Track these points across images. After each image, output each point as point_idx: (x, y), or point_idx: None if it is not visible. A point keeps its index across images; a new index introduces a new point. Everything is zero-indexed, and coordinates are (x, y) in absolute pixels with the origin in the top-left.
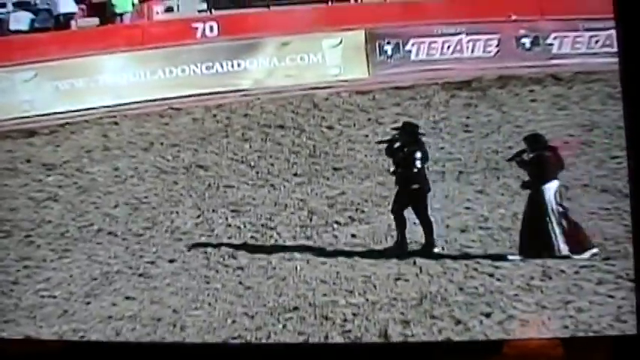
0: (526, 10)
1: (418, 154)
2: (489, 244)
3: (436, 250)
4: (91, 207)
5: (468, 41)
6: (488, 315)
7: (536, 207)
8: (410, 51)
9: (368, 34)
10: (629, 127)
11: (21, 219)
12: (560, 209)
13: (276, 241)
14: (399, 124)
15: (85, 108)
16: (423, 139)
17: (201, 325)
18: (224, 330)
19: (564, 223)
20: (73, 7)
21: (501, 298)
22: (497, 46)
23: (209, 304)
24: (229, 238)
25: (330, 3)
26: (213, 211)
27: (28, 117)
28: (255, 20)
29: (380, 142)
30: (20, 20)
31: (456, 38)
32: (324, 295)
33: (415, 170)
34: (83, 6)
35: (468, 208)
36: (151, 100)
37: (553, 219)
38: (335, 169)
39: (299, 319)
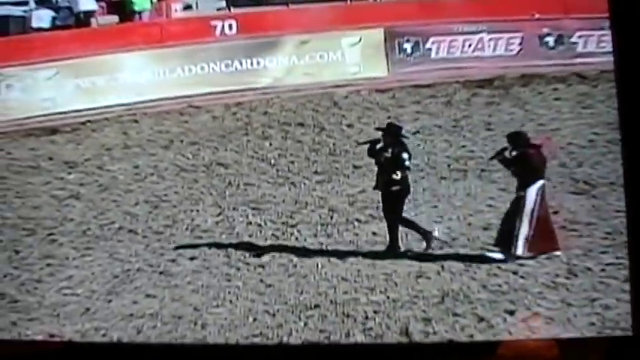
0: (549, 8)
1: (405, 155)
2: None
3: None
4: (112, 205)
5: (490, 39)
6: (512, 313)
7: (517, 204)
8: (430, 49)
9: (387, 33)
10: (623, 127)
11: (44, 217)
12: (539, 210)
13: (297, 239)
14: (384, 126)
15: (105, 106)
16: (448, 136)
17: (222, 323)
18: (245, 328)
19: (535, 224)
20: (93, 5)
21: (525, 296)
22: (519, 44)
23: (230, 301)
24: (250, 236)
25: (348, 1)
26: (234, 209)
27: (50, 115)
28: (274, 18)
29: (361, 144)
30: (42, 18)
31: (477, 36)
32: (345, 292)
33: (405, 172)
34: (103, 4)
35: (490, 206)
36: (170, 98)
37: (526, 219)
38: (355, 167)
39: (320, 316)
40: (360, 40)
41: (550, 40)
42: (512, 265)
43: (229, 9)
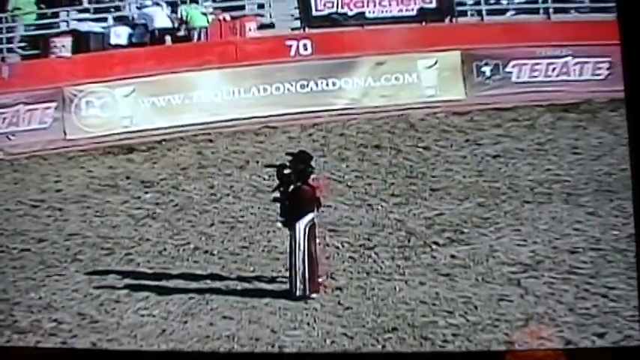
0: None
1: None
2: (602, 264)
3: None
4: (188, 225)
5: (576, 64)
6: (601, 336)
7: (291, 240)
8: (510, 72)
9: (464, 56)
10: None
11: (122, 236)
12: (308, 246)
13: (374, 261)
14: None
15: (180, 125)
16: (532, 160)
17: (299, 346)
18: (323, 350)
19: (307, 260)
20: (167, 23)
21: (616, 319)
22: (608, 69)
23: (308, 324)
24: (327, 258)
25: (424, 23)
26: None
27: (127, 133)
28: (349, 39)
29: (268, 167)
30: (119, 35)
31: (562, 61)
32: (424, 315)
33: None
34: None
35: (577, 229)
36: (245, 118)
37: (299, 255)
38: (432, 189)
39: (398, 339)
40: (436, 62)
41: None
42: (601, 289)
43: (304, 29)
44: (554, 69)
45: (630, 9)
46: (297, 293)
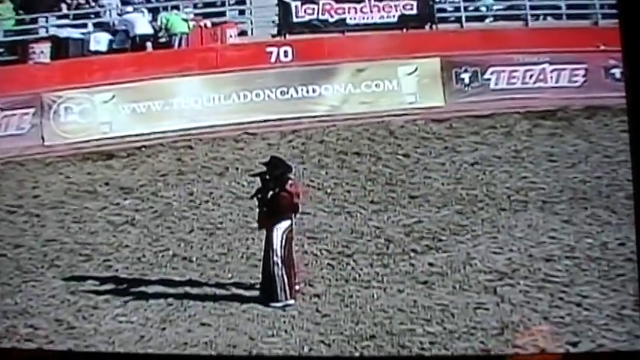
0: (616, 40)
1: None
2: (576, 273)
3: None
4: (166, 232)
5: (552, 71)
6: (575, 344)
7: (267, 246)
8: (489, 79)
9: (444, 62)
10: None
11: (100, 243)
12: (285, 252)
13: (352, 268)
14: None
15: (160, 131)
16: (508, 167)
17: (277, 353)
18: (301, 358)
19: (285, 267)
20: (149, 29)
21: (590, 328)
22: (584, 76)
23: (285, 331)
24: (306, 265)
25: (405, 30)
26: None
27: (106, 139)
28: (330, 45)
29: (252, 175)
30: (99, 41)
31: (539, 67)
32: (401, 323)
33: None
34: None
35: (553, 237)
36: (225, 125)
37: (278, 261)
38: (411, 197)
39: (376, 347)
40: (416, 69)
41: (617, 71)
42: (575, 297)
43: (284, 36)
44: (531, 76)
45: (632, 13)
46: (275, 299)
